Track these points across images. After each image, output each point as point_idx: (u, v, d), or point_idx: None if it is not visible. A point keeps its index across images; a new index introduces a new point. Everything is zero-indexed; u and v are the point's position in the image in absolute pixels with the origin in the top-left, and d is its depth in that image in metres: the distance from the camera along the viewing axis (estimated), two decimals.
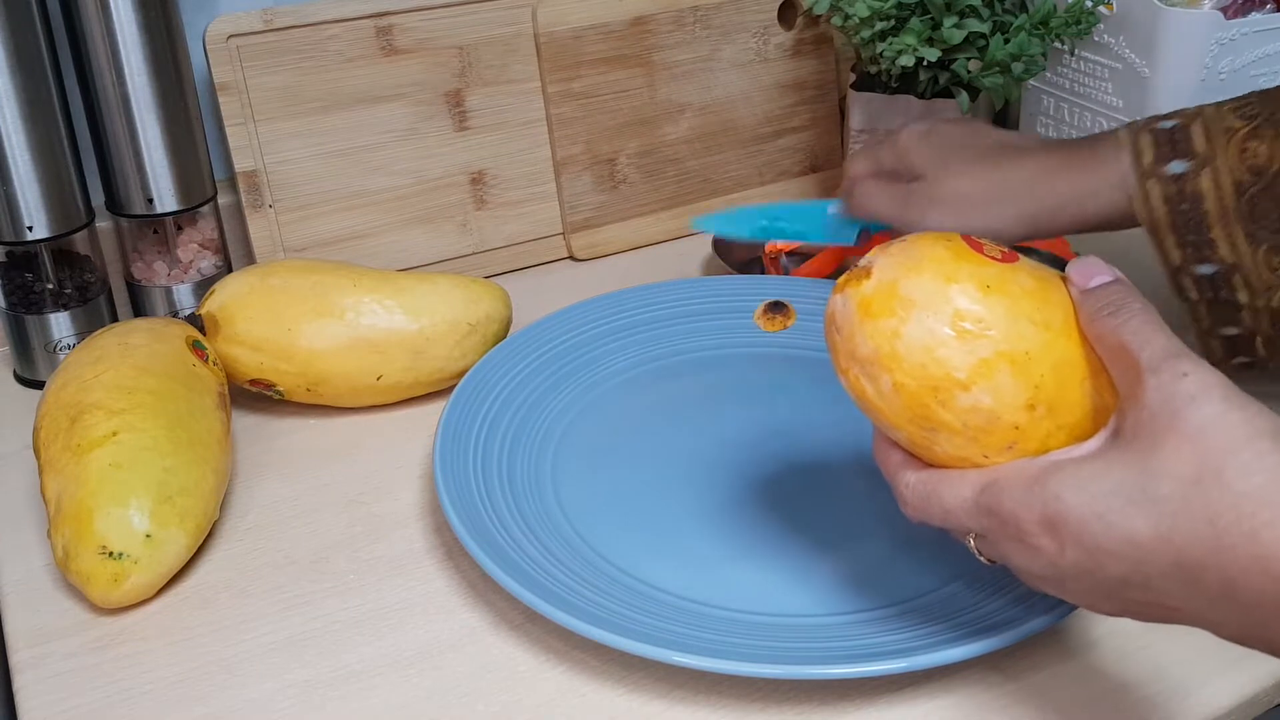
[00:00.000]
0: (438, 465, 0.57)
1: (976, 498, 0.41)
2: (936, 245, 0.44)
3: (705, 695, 0.48)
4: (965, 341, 0.42)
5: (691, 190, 0.87)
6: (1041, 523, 0.39)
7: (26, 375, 0.71)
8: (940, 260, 0.43)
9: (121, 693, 0.49)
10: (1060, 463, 0.39)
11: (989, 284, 0.42)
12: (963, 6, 0.76)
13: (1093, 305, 0.42)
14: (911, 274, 0.43)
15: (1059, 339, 0.42)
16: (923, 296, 0.42)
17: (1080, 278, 0.43)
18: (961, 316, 0.42)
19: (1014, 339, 0.42)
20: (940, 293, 0.42)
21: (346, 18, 0.74)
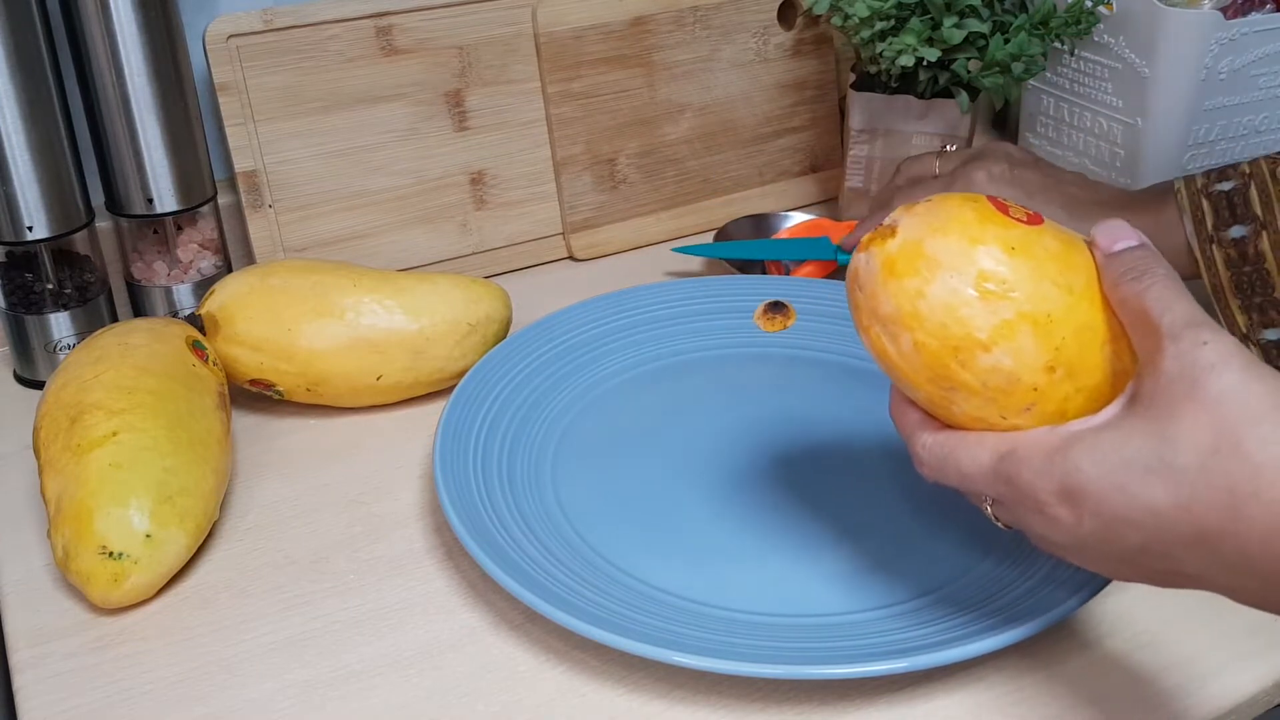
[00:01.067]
0: (438, 465, 0.57)
1: (995, 465, 0.41)
2: (964, 206, 0.43)
3: (705, 695, 0.48)
4: (988, 302, 0.42)
5: (691, 190, 0.87)
6: (1060, 493, 0.39)
7: (26, 375, 0.71)
8: (966, 222, 0.43)
9: (121, 693, 0.49)
10: (1079, 433, 0.39)
11: (1014, 246, 0.42)
12: (963, 6, 0.76)
13: (1117, 269, 0.42)
14: (937, 234, 0.43)
15: (1081, 302, 0.42)
16: (948, 257, 0.42)
17: (1106, 241, 0.43)
18: (985, 277, 0.42)
19: (1037, 300, 0.42)
20: (965, 253, 0.42)
21: (346, 18, 0.74)
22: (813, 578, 0.53)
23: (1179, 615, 0.51)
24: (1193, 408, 0.36)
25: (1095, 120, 0.90)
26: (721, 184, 0.89)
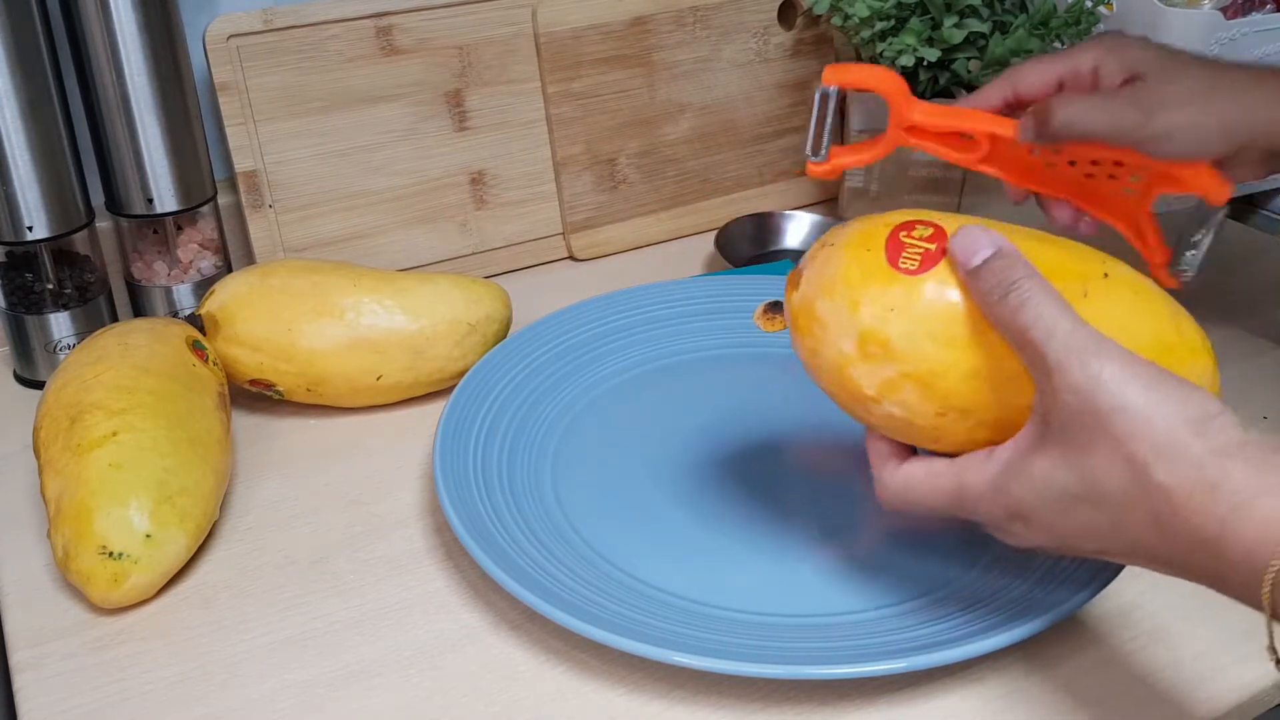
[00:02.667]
0: (438, 465, 0.57)
1: (952, 505, 0.45)
2: (854, 262, 0.45)
3: (705, 695, 0.48)
4: (871, 364, 0.45)
5: (691, 190, 0.87)
6: (1010, 517, 0.43)
7: (26, 375, 0.71)
8: (851, 283, 0.45)
9: (121, 693, 0.49)
10: (1011, 462, 0.42)
11: (893, 307, 0.44)
12: (963, 6, 0.76)
13: (981, 290, 0.43)
14: (824, 295, 0.46)
15: (964, 353, 0.44)
16: (833, 320, 0.45)
17: (962, 256, 0.44)
18: (866, 340, 0.44)
19: (916, 361, 0.44)
20: (848, 318, 0.45)
21: (346, 18, 0.74)
22: (812, 578, 0.53)
23: (1179, 616, 0.51)
24: (1105, 448, 0.39)
25: None
26: (721, 184, 0.89)
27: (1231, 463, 0.37)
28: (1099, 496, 0.40)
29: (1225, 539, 0.37)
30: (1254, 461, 0.37)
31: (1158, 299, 0.46)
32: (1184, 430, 0.38)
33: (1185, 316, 0.47)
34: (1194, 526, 0.38)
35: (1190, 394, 0.39)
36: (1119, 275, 0.46)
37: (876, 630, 0.49)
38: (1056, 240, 0.47)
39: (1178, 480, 0.38)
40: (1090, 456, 0.40)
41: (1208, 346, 0.46)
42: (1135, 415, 0.39)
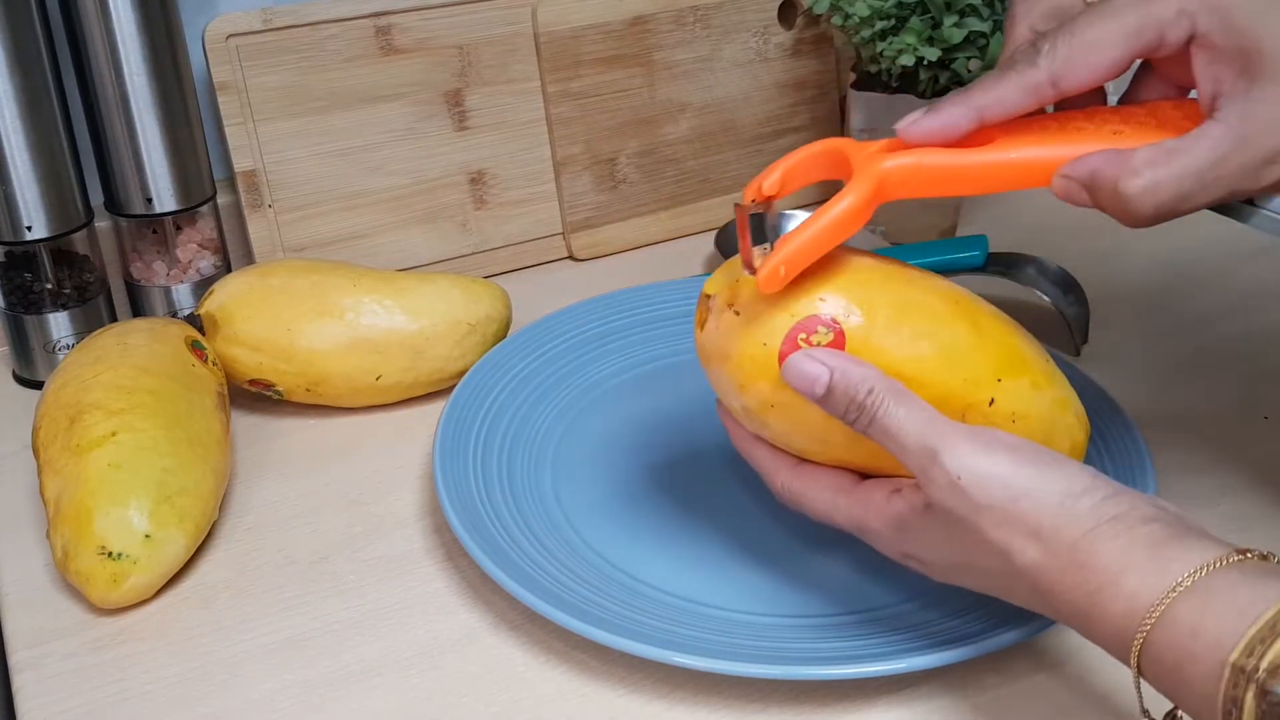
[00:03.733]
0: (437, 465, 0.57)
1: (851, 529, 0.47)
2: (746, 353, 0.46)
3: (705, 696, 0.48)
4: (751, 425, 0.48)
5: (691, 190, 0.87)
6: (905, 556, 0.46)
7: (25, 375, 0.71)
8: (742, 368, 0.46)
9: (121, 693, 0.49)
10: (905, 515, 0.44)
11: (774, 404, 0.46)
12: (963, 5, 0.76)
13: (835, 414, 0.44)
14: (717, 362, 0.47)
15: (838, 450, 0.47)
16: (722, 386, 0.48)
17: (804, 391, 0.44)
18: (747, 414, 0.48)
19: (790, 445, 0.48)
20: (735, 394, 0.47)
21: (346, 17, 0.74)
22: (813, 578, 0.53)
23: None
24: (977, 538, 0.41)
25: None
26: (721, 184, 0.88)
27: (1101, 541, 0.39)
28: (982, 571, 0.43)
29: (1094, 614, 0.39)
30: (1122, 538, 0.39)
31: (1035, 420, 0.46)
32: (1051, 515, 0.40)
33: (1062, 427, 0.47)
34: (1067, 601, 0.40)
35: (1055, 472, 0.41)
36: (1004, 400, 0.46)
37: (877, 631, 0.49)
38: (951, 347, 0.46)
39: (1049, 563, 0.40)
40: (966, 543, 0.42)
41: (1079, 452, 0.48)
42: (999, 509, 0.40)
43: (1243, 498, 0.58)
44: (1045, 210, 0.90)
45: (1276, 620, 0.33)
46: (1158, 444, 0.59)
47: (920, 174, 0.43)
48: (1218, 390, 0.67)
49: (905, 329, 0.45)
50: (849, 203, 0.43)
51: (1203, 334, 0.73)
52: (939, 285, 0.48)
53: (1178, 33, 0.40)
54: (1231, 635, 0.34)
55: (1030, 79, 0.42)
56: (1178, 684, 0.36)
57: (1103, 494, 0.40)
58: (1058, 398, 0.47)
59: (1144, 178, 0.40)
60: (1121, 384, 0.63)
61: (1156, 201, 0.40)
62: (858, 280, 0.46)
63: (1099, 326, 0.73)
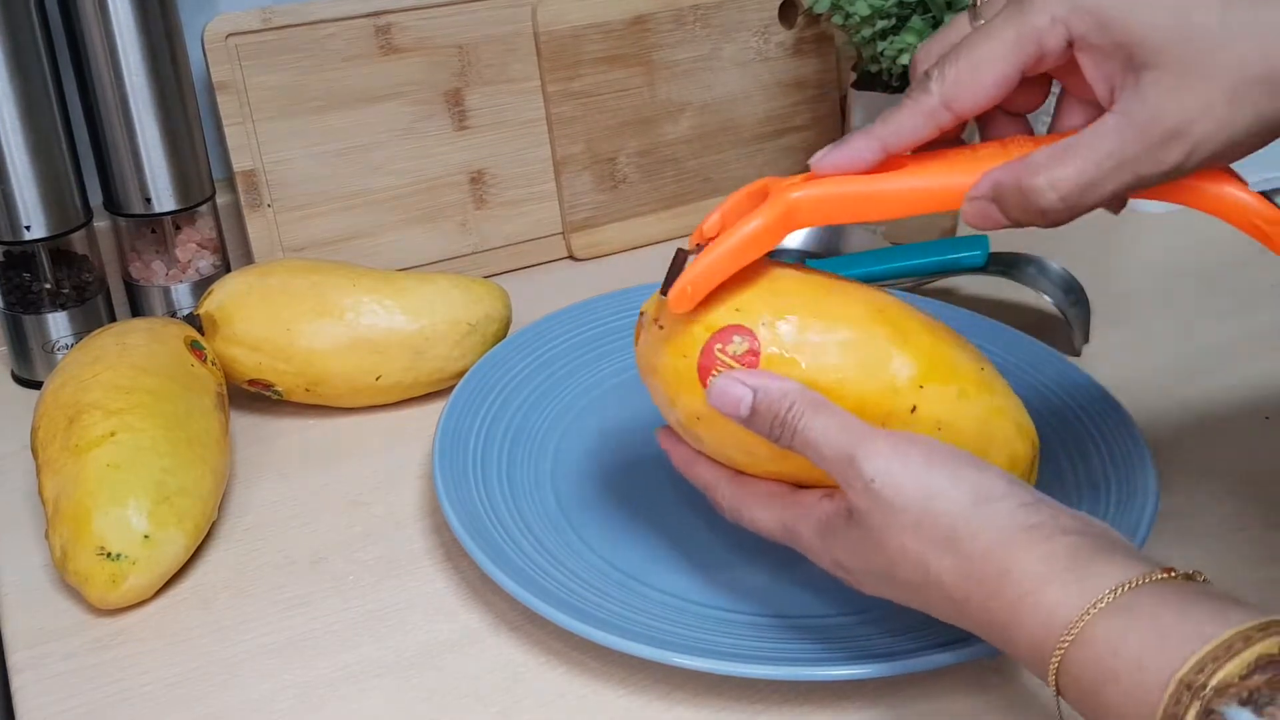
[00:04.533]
0: (437, 465, 0.56)
1: (785, 540, 0.47)
2: (669, 367, 0.47)
3: (705, 696, 0.48)
4: (688, 436, 0.49)
5: (691, 190, 0.87)
6: (834, 566, 0.45)
7: (24, 375, 0.71)
8: (667, 382, 0.47)
9: (120, 693, 0.49)
10: (833, 523, 0.44)
11: (700, 416, 0.47)
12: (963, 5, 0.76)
13: (759, 432, 0.45)
14: (649, 375, 0.49)
15: (766, 462, 0.47)
16: (657, 398, 0.49)
17: (729, 412, 0.45)
18: (681, 426, 0.48)
19: (723, 457, 0.48)
20: (667, 406, 0.48)
21: (345, 16, 0.74)
22: (814, 578, 0.53)
23: None
24: (893, 545, 0.41)
25: None
26: (721, 184, 0.88)
27: (1020, 550, 0.38)
28: (901, 581, 0.42)
29: (1013, 627, 0.38)
30: (1041, 547, 0.38)
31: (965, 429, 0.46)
32: (965, 519, 0.39)
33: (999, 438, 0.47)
34: (986, 610, 0.39)
35: (969, 476, 0.41)
36: (927, 407, 0.46)
37: (878, 631, 0.49)
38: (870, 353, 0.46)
39: (964, 570, 0.39)
40: (886, 551, 0.41)
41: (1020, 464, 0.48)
42: (912, 512, 0.40)
43: (1243, 498, 0.58)
44: None
45: (1233, 641, 0.33)
46: (1158, 444, 0.59)
47: (828, 202, 0.44)
48: (1218, 390, 0.67)
49: (820, 336, 0.45)
50: (754, 226, 0.44)
51: (1203, 334, 0.73)
52: (863, 294, 0.48)
53: (1055, 40, 0.41)
54: (1154, 653, 0.34)
55: (924, 105, 0.43)
56: (1096, 704, 0.36)
57: (1019, 500, 0.40)
58: (994, 406, 0.47)
59: (1045, 173, 0.41)
60: (1122, 384, 0.62)
61: (1061, 194, 0.41)
62: (774, 290, 0.46)
63: (1100, 326, 0.73)
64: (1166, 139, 0.39)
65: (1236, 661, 0.32)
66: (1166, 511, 0.56)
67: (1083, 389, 0.61)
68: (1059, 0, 0.40)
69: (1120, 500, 0.54)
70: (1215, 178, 0.42)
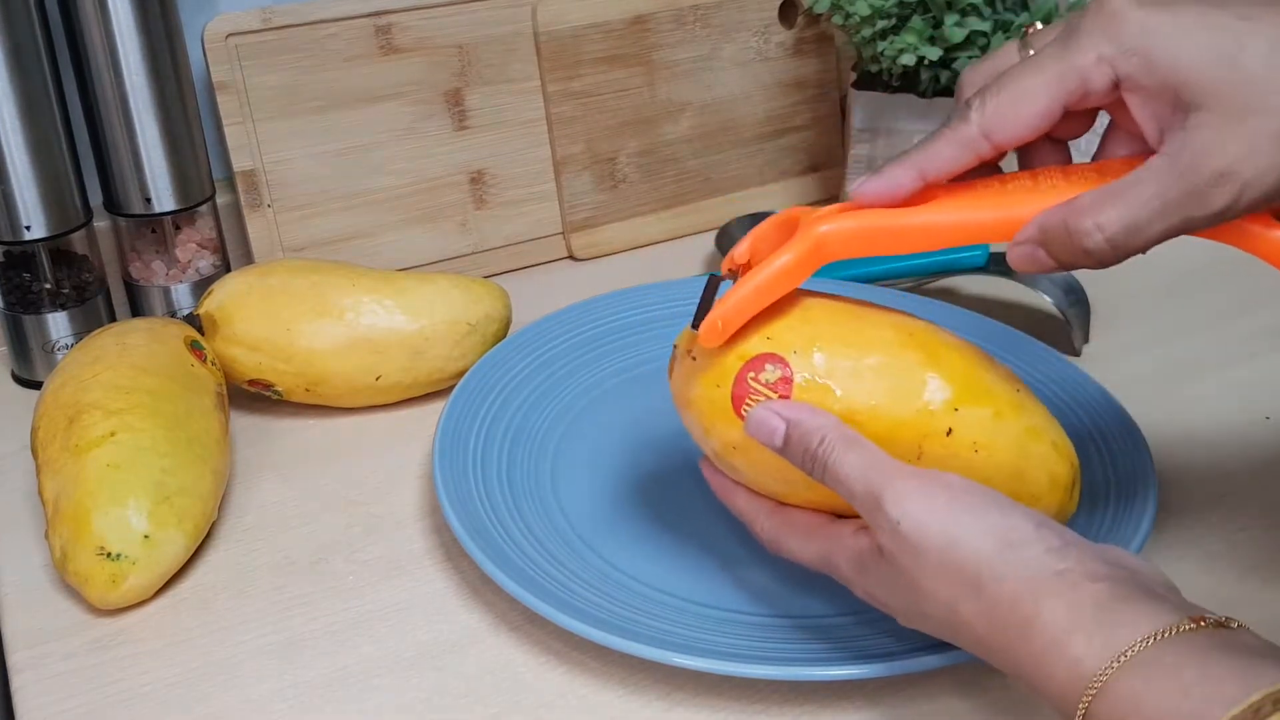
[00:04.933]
0: (437, 465, 0.56)
1: (822, 568, 0.47)
2: (703, 397, 0.47)
3: (705, 696, 0.48)
4: (727, 471, 0.49)
5: (691, 190, 0.87)
6: (868, 598, 0.45)
7: (24, 375, 0.71)
8: (702, 413, 0.48)
9: (120, 694, 0.49)
10: (866, 561, 0.44)
11: (736, 446, 0.47)
12: (964, 5, 0.76)
13: (793, 463, 0.45)
14: (685, 408, 0.49)
15: (803, 490, 0.47)
16: (693, 430, 0.49)
17: (764, 441, 0.45)
18: (718, 456, 0.49)
19: (760, 486, 0.49)
20: (703, 437, 0.49)
21: (345, 16, 0.74)
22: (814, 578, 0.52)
23: None
24: (922, 586, 0.41)
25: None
26: (722, 184, 0.88)
27: (1047, 599, 0.38)
28: (931, 618, 0.42)
29: (1039, 675, 0.38)
30: (1067, 596, 0.38)
31: (1002, 450, 0.46)
32: (989, 565, 0.39)
33: (1036, 458, 0.46)
34: (1013, 656, 0.39)
35: (994, 517, 0.40)
36: (963, 430, 0.46)
37: (879, 631, 0.49)
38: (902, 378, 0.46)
39: (989, 617, 0.39)
40: (913, 590, 0.42)
41: (1061, 485, 0.47)
42: (935, 555, 0.40)
43: (1244, 498, 0.58)
44: None
45: (1261, 704, 0.32)
46: (1159, 444, 0.59)
47: (857, 236, 0.44)
48: (1219, 390, 0.67)
49: (852, 362, 0.46)
50: (784, 261, 0.45)
51: (1204, 334, 0.73)
52: (893, 319, 0.48)
53: (1100, 79, 0.40)
54: (1175, 714, 0.34)
55: (963, 134, 0.42)
56: None
57: (1046, 545, 0.39)
58: (1029, 426, 0.47)
59: (1092, 216, 0.41)
60: (1122, 384, 0.62)
61: (1108, 235, 0.40)
62: (805, 318, 0.47)
63: (1100, 326, 0.73)
64: (1214, 182, 0.39)
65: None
66: (1166, 512, 0.56)
67: (1083, 389, 0.61)
68: (1106, 39, 0.40)
69: (1120, 500, 0.54)
70: (1262, 220, 0.41)
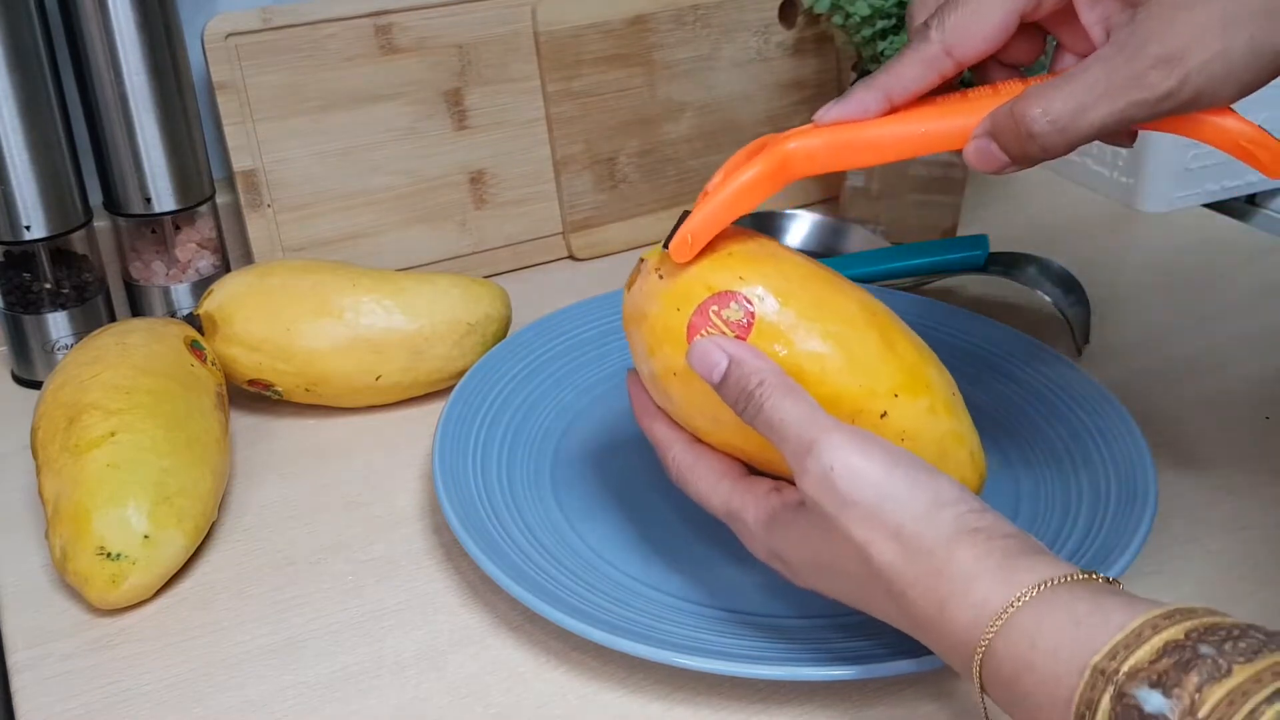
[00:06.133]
0: (437, 465, 0.56)
1: (724, 517, 0.48)
2: (660, 315, 0.47)
3: (705, 696, 0.48)
4: (657, 391, 0.49)
5: (692, 189, 0.87)
6: (770, 556, 0.46)
7: (24, 375, 0.71)
8: (653, 331, 0.48)
9: (120, 694, 0.49)
10: (780, 517, 0.45)
11: (675, 372, 0.47)
12: None
13: (727, 400, 0.45)
14: (633, 324, 0.49)
15: (728, 431, 0.47)
16: (636, 346, 0.49)
17: (703, 373, 0.46)
18: (654, 377, 0.49)
19: (687, 419, 0.49)
20: (645, 355, 0.49)
21: (345, 16, 0.74)
22: None
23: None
24: (840, 535, 0.42)
25: None
26: None
27: (960, 549, 0.39)
28: (841, 571, 0.43)
29: (944, 620, 0.39)
30: (980, 547, 0.39)
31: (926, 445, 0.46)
32: (915, 520, 0.40)
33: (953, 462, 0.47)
34: (920, 608, 0.40)
35: (926, 482, 0.41)
36: (896, 416, 0.46)
37: (878, 631, 0.49)
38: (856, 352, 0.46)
39: (905, 565, 0.40)
40: (830, 541, 0.42)
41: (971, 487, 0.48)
42: (865, 507, 0.41)
43: (1243, 498, 0.58)
44: (1047, 209, 0.90)
45: (1142, 629, 0.34)
46: (1158, 444, 0.59)
47: (823, 149, 0.45)
48: (1218, 390, 0.67)
49: (814, 324, 0.46)
50: (751, 175, 0.46)
51: (1203, 334, 0.73)
52: (861, 295, 0.49)
53: None
54: (1068, 642, 0.35)
55: (926, 52, 0.44)
56: (1015, 694, 0.37)
57: (969, 507, 0.41)
58: (954, 430, 0.47)
59: (1038, 103, 0.41)
60: (1122, 384, 0.62)
61: (1052, 118, 0.41)
62: (781, 271, 0.47)
63: (1100, 326, 0.73)
64: (1156, 64, 0.40)
65: (1146, 648, 0.34)
66: (1166, 512, 0.56)
67: (1083, 389, 0.61)
68: None
69: (1120, 500, 0.54)
70: (1219, 111, 0.42)
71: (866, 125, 0.45)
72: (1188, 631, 0.34)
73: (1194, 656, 0.33)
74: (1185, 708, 0.32)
